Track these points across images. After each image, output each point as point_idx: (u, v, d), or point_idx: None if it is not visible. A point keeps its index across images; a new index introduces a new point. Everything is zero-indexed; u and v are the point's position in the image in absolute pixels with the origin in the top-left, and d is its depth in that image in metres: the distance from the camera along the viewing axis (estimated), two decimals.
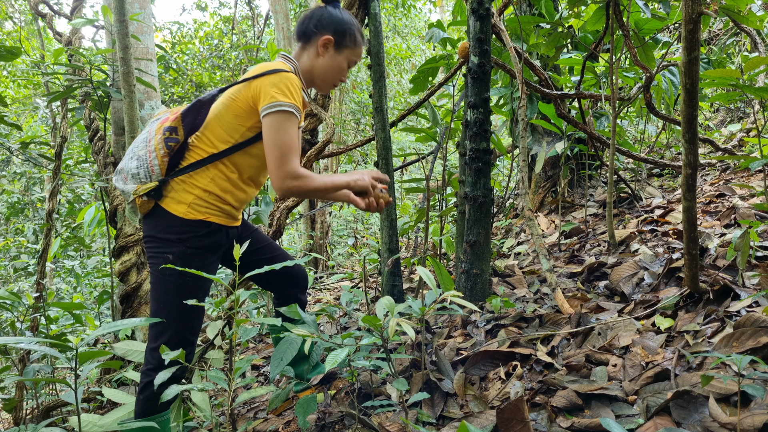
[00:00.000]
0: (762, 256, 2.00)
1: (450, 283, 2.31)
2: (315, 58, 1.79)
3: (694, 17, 1.33)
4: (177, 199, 1.67)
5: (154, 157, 1.65)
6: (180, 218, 1.65)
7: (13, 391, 3.45)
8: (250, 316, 2.93)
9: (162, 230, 1.67)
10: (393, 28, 12.70)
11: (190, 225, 1.66)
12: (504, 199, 4.50)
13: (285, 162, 1.58)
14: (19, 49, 2.44)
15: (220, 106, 1.71)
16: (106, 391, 1.93)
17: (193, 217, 1.66)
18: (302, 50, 1.82)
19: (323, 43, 1.77)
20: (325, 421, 1.87)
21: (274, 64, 1.71)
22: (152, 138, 1.68)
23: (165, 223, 1.66)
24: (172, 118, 1.69)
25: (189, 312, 1.65)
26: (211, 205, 1.69)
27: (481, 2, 2.35)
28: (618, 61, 2.98)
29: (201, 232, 1.67)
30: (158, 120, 1.74)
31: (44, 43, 8.31)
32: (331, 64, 1.80)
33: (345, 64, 1.82)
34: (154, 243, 1.68)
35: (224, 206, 1.73)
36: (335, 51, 1.79)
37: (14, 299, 2.45)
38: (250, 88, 1.64)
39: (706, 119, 6.17)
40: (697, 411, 1.28)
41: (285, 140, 1.59)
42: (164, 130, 1.66)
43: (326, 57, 1.79)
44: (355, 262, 7.45)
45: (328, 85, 1.85)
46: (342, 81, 1.87)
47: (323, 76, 1.82)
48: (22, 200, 8.65)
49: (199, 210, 1.67)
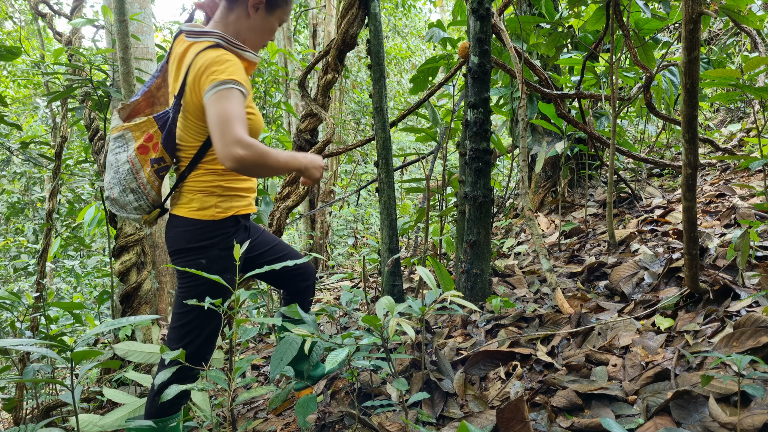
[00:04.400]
0: (762, 256, 2.00)
1: (450, 283, 2.31)
2: (244, 20, 1.67)
3: (694, 17, 1.33)
4: (201, 206, 1.65)
5: (150, 189, 1.66)
6: (211, 222, 1.65)
7: (13, 391, 3.45)
8: (250, 316, 2.94)
9: (192, 240, 1.65)
10: (393, 28, 12.69)
11: (222, 225, 1.66)
12: (504, 199, 4.50)
13: (227, 129, 1.43)
14: (19, 49, 2.44)
15: (181, 117, 1.64)
16: (106, 391, 1.93)
17: (223, 215, 1.66)
18: (228, 11, 1.67)
19: (253, 3, 1.65)
20: (325, 421, 1.87)
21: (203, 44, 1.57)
22: (139, 170, 1.64)
23: (193, 231, 1.64)
24: (154, 147, 1.64)
25: (215, 314, 1.66)
26: (233, 198, 1.69)
27: (481, 2, 2.35)
28: (618, 61, 2.98)
29: (231, 231, 1.68)
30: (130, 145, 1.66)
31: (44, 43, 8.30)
32: (261, 25, 1.69)
33: (276, 25, 1.73)
34: (186, 254, 1.65)
35: (243, 195, 1.73)
36: (266, 12, 1.68)
37: (14, 299, 2.44)
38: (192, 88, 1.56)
39: (706, 119, 6.17)
40: (697, 411, 1.28)
41: (225, 109, 1.45)
42: (151, 162, 1.64)
43: (256, 18, 1.68)
44: (355, 262, 7.44)
45: (257, 47, 1.75)
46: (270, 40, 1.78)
47: (253, 39, 1.71)
48: (22, 200, 8.65)
49: (226, 206, 1.68)
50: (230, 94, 1.48)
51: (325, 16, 8.60)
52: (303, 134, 3.14)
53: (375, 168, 3.34)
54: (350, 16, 2.83)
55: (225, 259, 1.66)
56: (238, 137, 1.42)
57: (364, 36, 2.95)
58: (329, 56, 2.99)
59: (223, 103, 1.46)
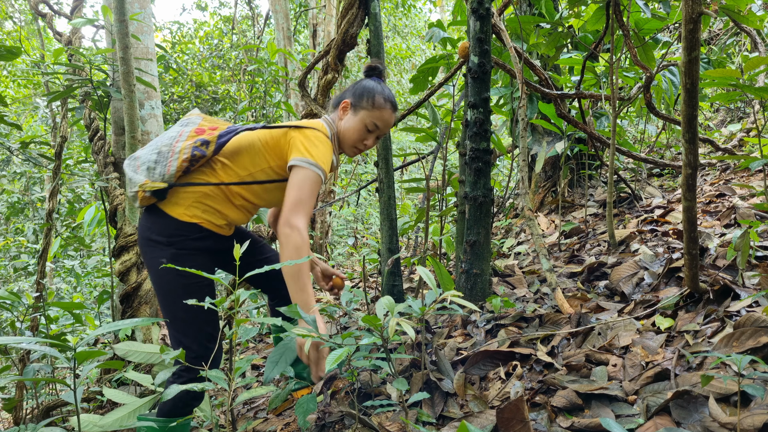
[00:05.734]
0: (762, 256, 2.00)
1: (450, 283, 2.31)
2: (339, 121, 1.90)
3: (694, 17, 1.33)
4: (175, 202, 1.69)
5: (175, 159, 1.67)
6: (175, 219, 1.67)
7: (13, 391, 3.45)
8: (250, 316, 2.94)
9: (155, 232, 1.69)
10: (393, 28, 12.69)
11: (183, 227, 1.68)
12: (504, 199, 4.50)
13: (296, 209, 1.63)
14: (19, 49, 2.44)
15: (255, 139, 1.78)
16: (107, 391, 1.93)
17: (187, 219, 1.68)
18: (333, 115, 1.92)
19: (343, 106, 1.88)
20: (325, 421, 1.87)
21: (316, 123, 1.81)
22: (181, 140, 1.70)
23: (160, 224, 1.69)
24: (210, 132, 1.73)
25: (199, 312, 1.66)
26: (207, 212, 1.73)
27: (481, 2, 2.35)
28: (618, 61, 2.98)
29: (192, 235, 1.70)
30: (192, 124, 1.78)
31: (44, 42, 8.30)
32: (349, 125, 1.87)
33: (362, 125, 1.86)
34: (147, 247, 1.70)
35: (220, 220, 1.76)
36: (352, 112, 1.87)
37: (14, 299, 2.45)
38: (288, 136, 1.74)
39: (706, 119, 6.17)
40: (697, 411, 1.28)
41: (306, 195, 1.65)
42: (198, 140, 1.70)
43: (345, 119, 1.88)
44: (355, 262, 7.44)
45: (351, 149, 1.91)
46: (366, 146, 1.91)
47: (345, 138, 1.89)
48: (22, 200, 8.65)
49: (195, 214, 1.70)
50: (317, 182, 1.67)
51: (325, 16, 8.60)
52: None
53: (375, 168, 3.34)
54: (350, 16, 2.83)
55: (185, 259, 1.67)
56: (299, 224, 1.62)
57: (364, 36, 2.95)
58: (329, 56, 2.99)
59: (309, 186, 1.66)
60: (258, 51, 9.02)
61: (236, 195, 1.77)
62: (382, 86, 1.90)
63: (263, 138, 1.77)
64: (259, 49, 8.97)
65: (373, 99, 1.85)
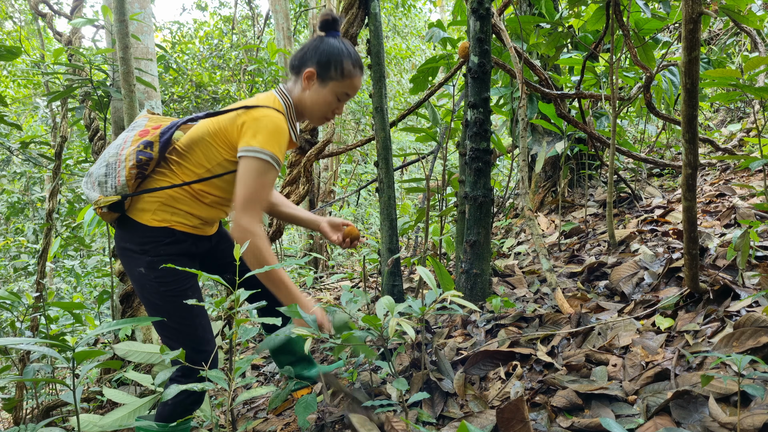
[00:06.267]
0: (762, 256, 2.00)
1: (450, 283, 2.31)
2: (302, 92, 1.72)
3: (694, 17, 1.33)
4: (141, 208, 1.63)
5: (123, 168, 1.59)
6: (143, 226, 1.61)
7: (13, 391, 3.45)
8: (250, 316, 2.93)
9: (128, 240, 1.64)
10: (393, 28, 12.69)
11: (153, 232, 1.61)
12: (504, 199, 4.50)
13: (246, 208, 1.55)
14: (19, 49, 2.44)
15: (204, 131, 1.66)
16: (106, 391, 1.93)
17: (156, 224, 1.61)
18: (294, 83, 1.75)
19: (306, 75, 1.69)
20: (325, 421, 1.87)
21: (265, 99, 1.66)
22: (126, 147, 1.62)
23: (131, 232, 1.63)
24: (152, 132, 1.64)
25: (189, 313, 1.64)
26: (177, 215, 1.65)
27: (481, 2, 2.35)
28: (618, 61, 2.98)
29: (164, 240, 1.62)
30: (137, 128, 1.69)
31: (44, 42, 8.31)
32: (316, 97, 1.71)
33: (332, 97, 1.72)
34: (124, 257, 1.65)
35: (192, 220, 1.69)
36: (319, 84, 1.70)
37: (14, 299, 2.45)
38: (236, 122, 1.61)
39: (706, 119, 6.17)
40: (697, 411, 1.28)
41: (256, 189, 1.55)
42: (140, 143, 1.61)
43: (311, 90, 1.71)
44: (355, 262, 7.44)
45: (318, 119, 1.77)
46: (336, 114, 1.79)
47: (311, 110, 1.75)
48: (22, 200, 8.65)
49: (164, 218, 1.62)
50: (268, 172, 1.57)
51: None
52: (303, 134, 3.14)
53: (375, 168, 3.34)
54: (350, 16, 2.83)
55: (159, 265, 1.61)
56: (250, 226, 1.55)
57: (364, 36, 2.95)
58: None
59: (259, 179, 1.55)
60: (258, 51, 9.02)
61: (202, 193, 1.68)
62: (345, 46, 1.72)
63: (211, 129, 1.65)
64: (259, 49, 8.97)
65: (342, 67, 1.69)
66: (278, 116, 1.60)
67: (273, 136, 1.57)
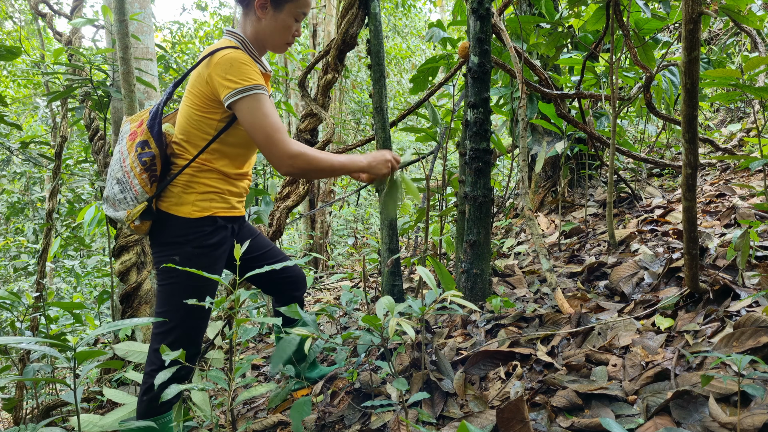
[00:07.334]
0: (762, 256, 2.00)
1: (451, 283, 2.31)
2: (257, 23, 1.67)
3: (694, 17, 1.33)
4: (178, 202, 1.64)
5: (134, 177, 1.61)
6: (186, 219, 1.63)
7: (13, 391, 3.45)
8: (250, 315, 2.94)
9: (168, 235, 1.65)
10: (393, 28, 12.69)
11: (197, 224, 1.64)
12: (504, 199, 4.50)
13: (272, 144, 1.54)
14: (19, 49, 2.44)
15: (187, 111, 1.65)
16: (107, 391, 1.93)
17: (199, 214, 1.64)
18: (244, 17, 1.70)
19: (259, 4, 1.64)
20: (325, 421, 1.87)
21: (217, 45, 1.63)
22: (126, 157, 1.63)
23: (171, 228, 1.64)
24: (140, 131, 1.64)
25: (196, 312, 1.65)
26: (213, 198, 1.67)
27: (481, 2, 2.35)
28: (618, 61, 2.98)
29: (207, 230, 1.65)
30: (125, 136, 1.69)
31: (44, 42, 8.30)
32: (274, 25, 1.66)
33: (291, 21, 1.68)
34: (161, 248, 1.66)
35: (225, 197, 1.71)
36: (274, 10, 1.65)
37: (14, 299, 2.45)
38: (204, 81, 1.59)
39: (706, 119, 6.17)
40: (697, 411, 1.28)
41: (263, 122, 1.53)
42: (136, 146, 1.62)
43: (267, 19, 1.66)
44: (355, 262, 7.44)
45: (280, 47, 1.73)
46: (296, 36, 1.75)
47: (271, 40, 1.69)
48: (22, 200, 8.65)
49: (204, 206, 1.65)
50: (261, 102, 1.53)
51: (325, 16, 8.60)
52: (303, 134, 3.14)
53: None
54: (350, 16, 2.83)
55: (200, 258, 1.63)
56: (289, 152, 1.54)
57: (364, 36, 2.95)
58: (329, 56, 2.99)
59: (259, 113, 1.53)
60: None
61: (217, 161, 1.67)
62: None
63: (190, 104, 1.64)
64: None
65: None
66: (236, 52, 1.57)
67: (241, 68, 1.54)
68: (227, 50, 1.57)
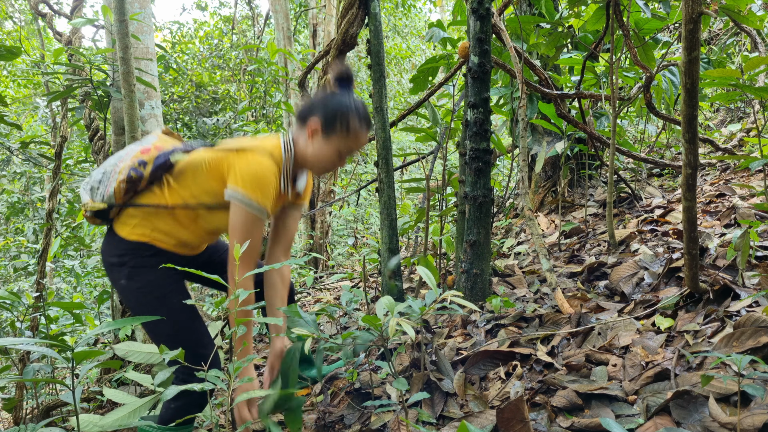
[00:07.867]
0: (762, 256, 2.00)
1: (436, 276, 2.31)
2: (306, 142, 1.69)
3: (694, 17, 1.33)
4: (123, 222, 1.65)
5: (114, 180, 1.62)
6: (123, 239, 1.62)
7: (13, 391, 3.45)
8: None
9: (108, 253, 1.66)
10: (393, 28, 12.69)
11: (133, 246, 1.62)
12: (504, 199, 4.50)
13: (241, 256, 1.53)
14: (19, 49, 2.44)
15: (201, 159, 1.65)
16: (106, 391, 1.93)
17: (135, 238, 1.62)
18: (299, 131, 1.72)
19: (312, 127, 1.66)
20: (325, 421, 1.87)
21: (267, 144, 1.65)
22: (125, 160, 1.65)
23: (113, 245, 1.65)
24: (152, 152, 1.66)
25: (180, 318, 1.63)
26: (156, 232, 1.65)
27: (481, 2, 2.35)
28: (618, 61, 2.98)
29: (144, 254, 1.63)
30: (143, 144, 1.71)
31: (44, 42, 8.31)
32: (318, 150, 1.67)
33: (334, 152, 1.68)
34: (108, 270, 1.67)
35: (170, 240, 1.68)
36: (323, 137, 1.66)
37: (14, 299, 2.44)
38: (227, 161, 1.60)
39: (706, 119, 6.17)
40: (697, 411, 1.28)
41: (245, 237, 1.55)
42: (137, 160, 1.64)
43: (315, 143, 1.67)
44: (355, 262, 7.44)
45: (319, 171, 1.75)
46: (339, 167, 1.77)
47: (314, 162, 1.71)
48: (22, 200, 8.65)
49: (143, 233, 1.63)
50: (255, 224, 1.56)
51: (325, 16, 8.60)
52: None
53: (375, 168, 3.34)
54: (350, 16, 2.83)
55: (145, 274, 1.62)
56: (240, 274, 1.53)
57: (364, 36, 2.95)
58: (329, 56, 2.99)
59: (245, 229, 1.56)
60: (258, 51, 9.01)
61: (184, 218, 1.67)
62: (354, 101, 1.68)
63: (207, 158, 1.64)
64: (259, 49, 8.97)
65: (347, 124, 1.65)
66: (269, 165, 1.59)
67: (261, 184, 1.55)
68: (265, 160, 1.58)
